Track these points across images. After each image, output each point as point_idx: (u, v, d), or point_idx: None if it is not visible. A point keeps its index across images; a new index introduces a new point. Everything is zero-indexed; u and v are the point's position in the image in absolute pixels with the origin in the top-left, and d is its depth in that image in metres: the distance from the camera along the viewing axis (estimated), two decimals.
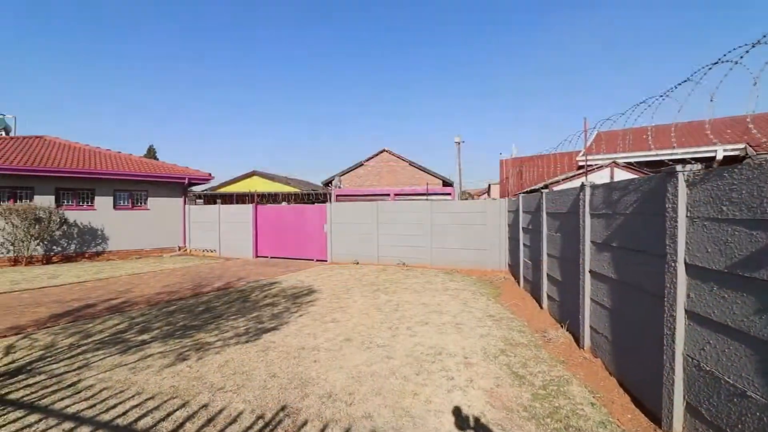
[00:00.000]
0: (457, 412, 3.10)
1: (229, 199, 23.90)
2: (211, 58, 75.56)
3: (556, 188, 10.04)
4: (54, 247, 12.84)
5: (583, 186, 4.43)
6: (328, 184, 24.87)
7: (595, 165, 11.94)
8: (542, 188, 9.63)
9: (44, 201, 12.59)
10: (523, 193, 9.17)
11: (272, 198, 23.36)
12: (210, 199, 25.13)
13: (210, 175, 16.28)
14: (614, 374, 3.71)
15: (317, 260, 12.53)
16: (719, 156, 12.00)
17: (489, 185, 28.06)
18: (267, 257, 13.64)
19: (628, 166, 10.97)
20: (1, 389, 3.56)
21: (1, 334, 5.25)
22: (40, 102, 60.40)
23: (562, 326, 5.09)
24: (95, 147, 16.32)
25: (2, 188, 12.13)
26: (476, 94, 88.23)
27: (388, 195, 21.44)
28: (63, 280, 9.60)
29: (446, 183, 23.24)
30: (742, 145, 11.61)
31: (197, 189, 25.69)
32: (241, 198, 22.86)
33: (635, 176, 6.61)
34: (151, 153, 44.06)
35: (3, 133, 16.92)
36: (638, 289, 3.30)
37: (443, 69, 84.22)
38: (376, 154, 23.90)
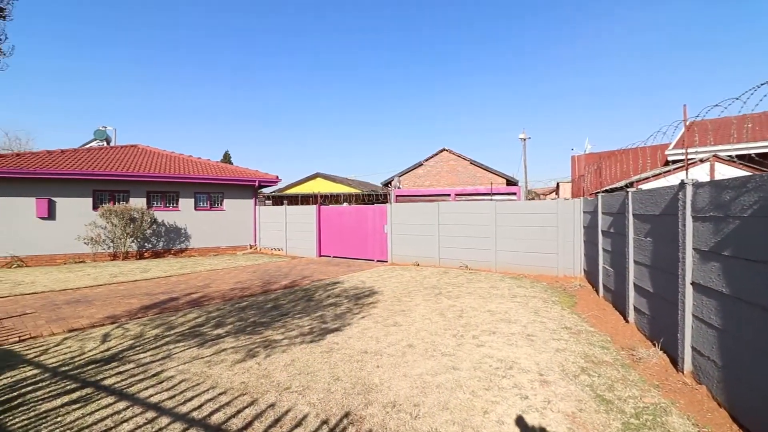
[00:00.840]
0: None
1: (294, 200, 25.04)
2: (278, 66, 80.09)
3: (642, 186, 9.01)
4: (146, 244, 14.36)
5: (683, 184, 3.83)
6: (387, 184, 25.00)
7: (697, 159, 10.46)
8: (626, 186, 8.68)
9: (137, 203, 14.14)
10: (603, 192, 8.33)
11: (334, 199, 24.03)
12: (278, 200, 26.56)
13: (277, 177, 17.14)
14: (725, 406, 3.13)
15: (378, 261, 12.57)
16: None
17: (558, 184, 26.27)
18: (329, 257, 14.00)
19: (734, 161, 9.48)
20: (98, 375, 3.94)
21: (99, 323, 5.89)
22: (136, 112, 68.69)
23: (654, 344, 4.47)
24: (179, 153, 18.00)
25: (103, 192, 13.84)
26: (543, 90, 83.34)
27: (449, 195, 20.96)
28: (152, 274, 10.65)
29: (510, 182, 22.16)
30: None
31: (266, 191, 27.29)
32: (305, 199, 23.83)
33: (747, 173, 5.64)
34: (226, 158, 47.73)
35: (104, 144, 19.37)
36: (761, 307, 2.74)
37: (507, 62, 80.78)
38: (436, 154, 23.51)
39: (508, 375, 3.82)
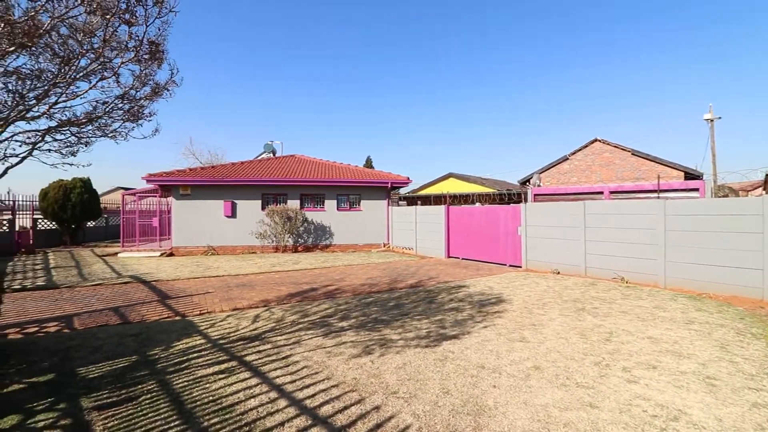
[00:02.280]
0: None
1: (427, 200, 25.35)
2: (417, 73, 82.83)
3: None
4: (299, 240, 16.57)
5: None
6: (525, 183, 23.01)
7: None
8: None
9: (293, 204, 16.43)
10: None
11: (464, 199, 23.39)
12: (411, 200, 27.35)
13: (408, 178, 17.61)
14: None
15: (510, 265, 11.61)
16: None
17: (767, 176, 19.84)
18: (458, 258, 13.60)
19: None
20: (243, 351, 4.58)
21: (255, 305, 6.93)
22: (300, 124, 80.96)
23: None
24: (326, 160, 20.25)
25: (269, 195, 16.52)
26: (734, 65, 64.22)
27: (601, 193, 18.00)
28: (301, 266, 12.15)
29: (691, 175, 17.72)
30: None
31: (401, 191, 28.42)
32: (437, 200, 23.85)
33: None
34: (368, 163, 51.72)
35: (271, 155, 23.16)
36: None
37: (683, 28, 65.26)
38: (585, 146, 20.50)
39: (670, 428, 2.89)
